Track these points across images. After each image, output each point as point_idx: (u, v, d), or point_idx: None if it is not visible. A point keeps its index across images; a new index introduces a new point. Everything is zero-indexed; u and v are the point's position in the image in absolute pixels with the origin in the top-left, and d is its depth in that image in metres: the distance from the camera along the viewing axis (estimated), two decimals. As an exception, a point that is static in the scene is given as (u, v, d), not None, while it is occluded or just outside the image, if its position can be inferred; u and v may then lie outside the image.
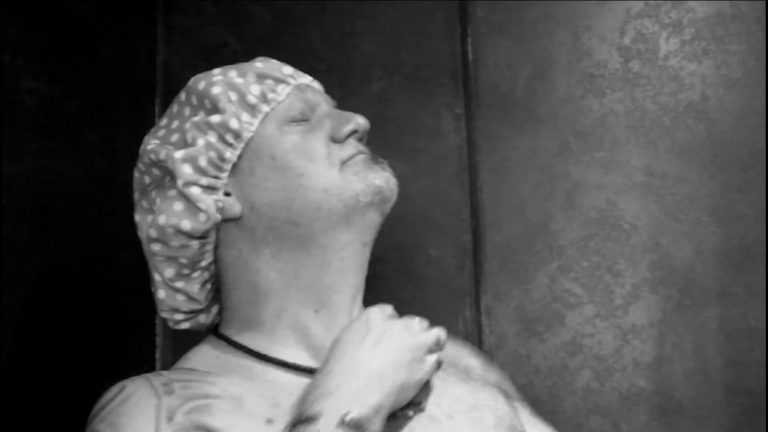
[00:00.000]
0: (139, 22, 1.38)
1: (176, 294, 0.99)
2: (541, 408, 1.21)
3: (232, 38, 1.40)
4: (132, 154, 1.33)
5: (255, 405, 0.86)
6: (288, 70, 1.01)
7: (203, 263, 0.97)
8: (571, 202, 1.31)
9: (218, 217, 0.93)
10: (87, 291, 1.31)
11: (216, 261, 0.97)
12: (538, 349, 1.28)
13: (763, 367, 1.23)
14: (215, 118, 0.94)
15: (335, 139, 0.95)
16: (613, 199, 1.30)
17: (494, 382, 1.01)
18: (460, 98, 1.35)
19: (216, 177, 0.93)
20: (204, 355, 0.95)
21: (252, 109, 0.95)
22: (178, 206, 0.94)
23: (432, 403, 0.89)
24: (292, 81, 0.99)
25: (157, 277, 0.99)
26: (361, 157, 0.95)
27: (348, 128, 0.95)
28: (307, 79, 1.02)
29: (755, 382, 1.23)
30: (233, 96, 0.96)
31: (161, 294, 0.99)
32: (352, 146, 0.95)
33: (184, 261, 0.96)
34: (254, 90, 0.96)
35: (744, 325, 1.25)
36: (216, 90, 0.96)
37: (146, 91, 1.36)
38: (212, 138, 0.94)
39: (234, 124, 0.94)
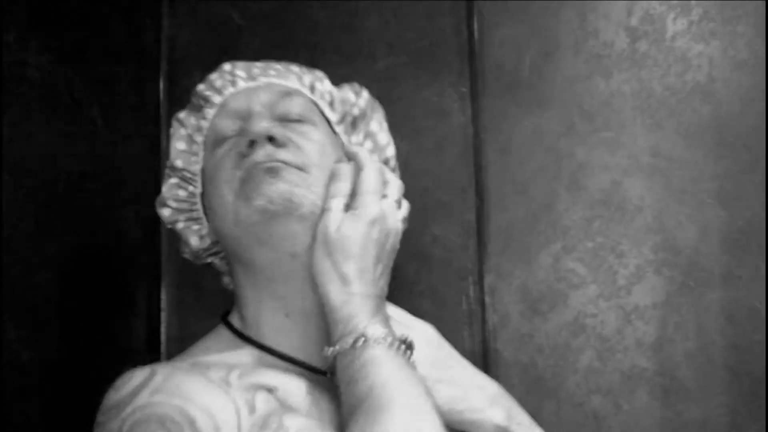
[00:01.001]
0: (144, -2, 1.38)
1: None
2: (543, 387, 1.23)
3: (237, 15, 1.39)
4: (135, 129, 1.33)
5: (261, 376, 0.87)
6: (219, 83, 0.99)
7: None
8: (575, 183, 1.31)
9: (203, 245, 1.00)
10: (92, 269, 1.31)
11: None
12: (541, 328, 1.28)
13: (763, 348, 1.24)
14: (169, 161, 1.01)
15: (242, 154, 0.91)
16: (618, 180, 1.30)
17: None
18: (465, 77, 1.34)
19: (190, 210, 0.99)
20: (205, 350, 0.95)
21: (193, 141, 0.98)
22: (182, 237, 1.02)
23: None
24: (217, 98, 0.98)
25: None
26: (253, 171, 0.89)
27: (243, 143, 0.92)
28: (240, 84, 0.98)
29: (757, 364, 1.23)
30: (182, 132, 1.01)
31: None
32: (250, 161, 0.90)
33: (215, 267, 1.06)
34: (191, 121, 1.00)
35: (747, 308, 1.25)
36: (171, 130, 1.02)
37: (150, 68, 1.36)
38: (174, 179, 1.00)
39: (179, 163, 0.99)
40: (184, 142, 0.99)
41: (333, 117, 1.00)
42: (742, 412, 1.23)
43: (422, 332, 0.97)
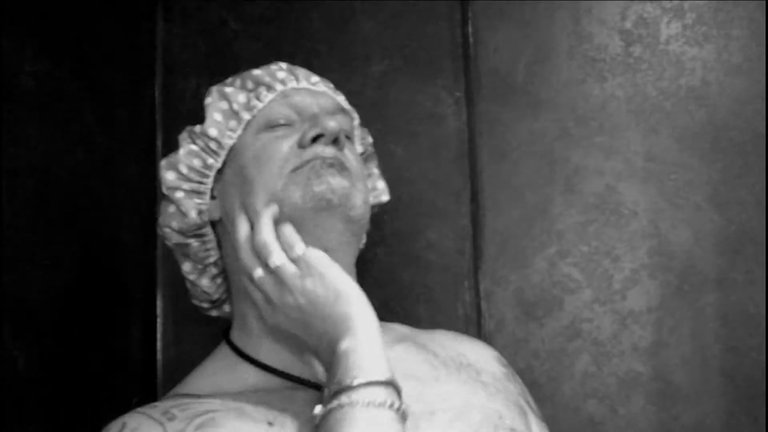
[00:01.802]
0: (139, 2, 1.37)
1: (194, 286, 1.03)
2: (539, 392, 1.22)
3: (232, 19, 1.39)
4: (131, 134, 1.33)
5: (255, 412, 0.86)
6: (282, 74, 1.00)
7: (210, 259, 1.01)
8: (570, 187, 1.31)
9: (199, 219, 0.98)
10: (87, 275, 1.31)
11: (222, 258, 1.00)
12: (537, 333, 1.28)
13: (759, 352, 1.24)
14: (198, 127, 0.99)
15: (301, 144, 0.93)
16: (612, 184, 1.30)
17: (514, 392, 0.99)
18: (460, 82, 1.34)
19: (200, 182, 0.98)
20: (201, 374, 0.96)
21: (236, 117, 0.98)
22: (171, 209, 0.99)
23: (414, 399, 0.86)
24: (279, 87, 0.99)
25: (182, 269, 1.04)
26: (315, 162, 0.92)
27: (311, 133, 0.93)
28: (303, 83, 1.01)
29: (752, 367, 1.24)
30: (223, 105, 1.00)
31: (187, 284, 1.04)
32: (310, 152, 0.93)
33: (192, 257, 1.01)
34: (240, 98, 0.99)
35: (742, 311, 1.25)
36: (208, 100, 1.01)
37: (146, 72, 1.35)
38: (195, 146, 0.99)
39: (212, 132, 0.98)
40: (222, 115, 0.99)
41: (359, 149, 1.05)
42: (738, 415, 1.24)
43: None
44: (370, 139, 1.09)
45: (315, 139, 0.93)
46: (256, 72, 1.02)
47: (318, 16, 1.39)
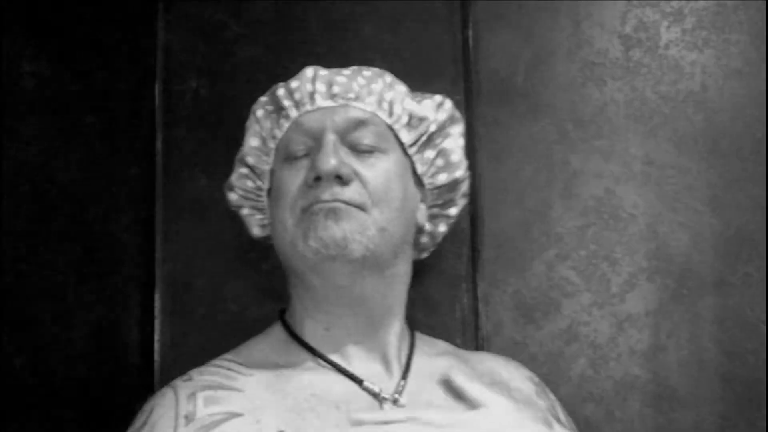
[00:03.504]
0: (139, 4, 1.37)
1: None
2: (536, 395, 1.22)
3: (232, 21, 1.39)
4: (130, 135, 1.33)
5: (272, 415, 0.90)
6: (299, 95, 1.00)
7: None
8: (569, 191, 1.31)
9: (262, 233, 1.07)
10: (86, 275, 1.31)
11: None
12: (535, 336, 1.28)
13: (756, 356, 1.24)
14: (240, 153, 1.05)
15: (308, 185, 0.96)
16: (611, 188, 1.30)
17: (543, 407, 1.03)
18: (459, 85, 1.34)
19: (256, 201, 1.05)
20: (255, 346, 1.02)
21: (265, 145, 1.02)
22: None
23: (450, 408, 0.93)
24: (293, 113, 1.00)
25: None
26: (314, 209, 0.94)
27: (311, 176, 0.95)
28: (319, 101, 1.00)
29: (750, 371, 1.24)
30: (257, 128, 1.04)
31: None
32: (312, 195, 0.95)
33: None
34: (267, 124, 1.03)
35: (740, 315, 1.25)
36: (248, 123, 1.06)
37: (146, 74, 1.35)
38: (243, 170, 1.05)
39: (250, 160, 1.03)
40: (257, 140, 1.03)
41: (408, 139, 1.03)
42: (735, 419, 1.23)
43: None
44: (431, 114, 1.05)
45: (318, 179, 0.95)
46: (281, 91, 1.03)
47: (317, 18, 1.39)
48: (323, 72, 1.03)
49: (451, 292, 1.30)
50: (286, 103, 1.01)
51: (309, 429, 0.88)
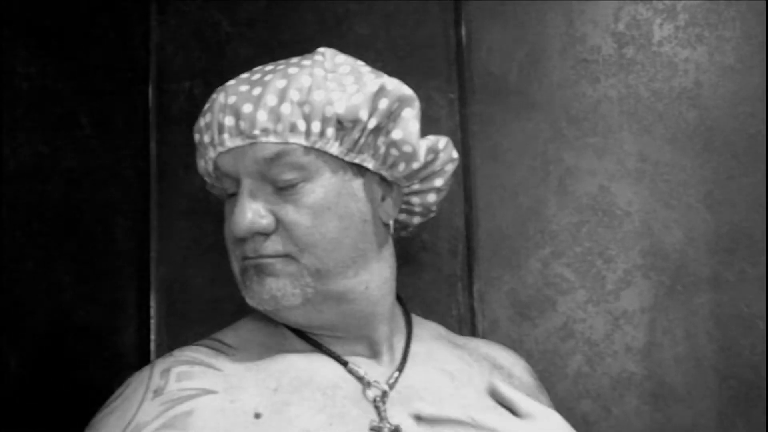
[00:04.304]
0: (132, 4, 1.37)
1: None
2: (532, 392, 1.22)
3: (226, 20, 1.39)
4: (125, 135, 1.33)
5: (251, 396, 0.89)
6: (207, 137, 0.94)
7: None
8: (563, 188, 1.31)
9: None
10: (81, 276, 1.31)
11: None
12: (530, 333, 1.28)
13: (752, 352, 1.24)
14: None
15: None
16: (605, 185, 1.30)
17: (544, 402, 1.04)
18: (453, 83, 1.35)
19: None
20: (245, 326, 1.00)
21: (208, 169, 0.98)
22: None
23: (447, 394, 0.95)
24: (210, 153, 0.94)
25: None
26: (244, 264, 0.92)
27: (232, 237, 0.93)
28: (227, 143, 0.91)
29: (745, 367, 1.24)
30: (200, 150, 0.99)
31: None
32: (239, 249, 0.92)
33: None
34: (201, 163, 0.99)
35: (735, 311, 1.26)
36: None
37: (139, 75, 1.35)
38: (207, 178, 1.02)
39: (207, 179, 1.01)
40: (203, 162, 0.99)
41: (339, 150, 0.91)
42: (731, 415, 1.24)
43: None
44: (365, 114, 0.90)
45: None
46: (198, 126, 0.96)
47: (311, 17, 1.39)
48: (231, 99, 0.91)
49: (447, 290, 1.30)
50: (206, 140, 0.94)
51: (291, 412, 0.86)
